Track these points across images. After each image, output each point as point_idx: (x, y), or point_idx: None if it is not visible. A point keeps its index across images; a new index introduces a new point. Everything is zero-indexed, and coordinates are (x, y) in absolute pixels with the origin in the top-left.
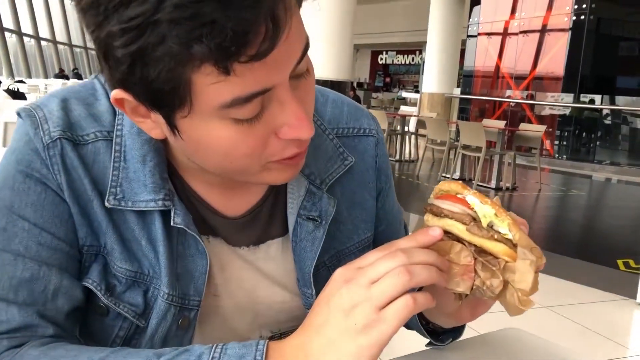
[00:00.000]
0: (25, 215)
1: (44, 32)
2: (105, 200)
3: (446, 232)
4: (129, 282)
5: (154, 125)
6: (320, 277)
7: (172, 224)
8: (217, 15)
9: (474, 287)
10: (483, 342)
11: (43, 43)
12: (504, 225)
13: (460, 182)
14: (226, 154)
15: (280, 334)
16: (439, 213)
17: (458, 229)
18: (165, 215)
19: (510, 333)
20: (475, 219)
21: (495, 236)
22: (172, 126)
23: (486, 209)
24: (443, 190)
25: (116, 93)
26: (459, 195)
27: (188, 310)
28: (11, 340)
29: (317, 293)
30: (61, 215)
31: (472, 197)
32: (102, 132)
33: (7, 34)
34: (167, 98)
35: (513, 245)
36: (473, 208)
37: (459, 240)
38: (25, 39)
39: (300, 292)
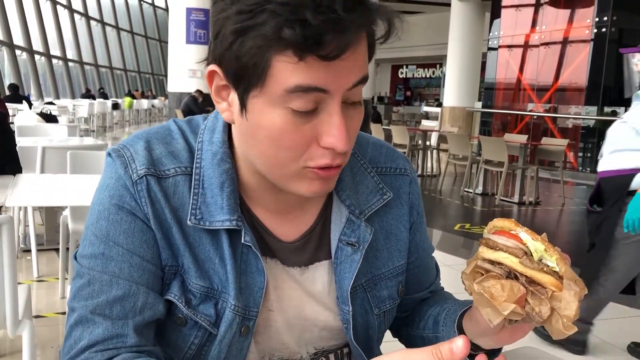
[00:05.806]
0: (119, 242)
1: (71, 54)
2: (187, 220)
3: (498, 264)
4: (202, 297)
5: (227, 108)
6: (356, 297)
7: (242, 241)
8: (309, 15)
9: (525, 313)
10: None
11: (70, 64)
12: (553, 260)
13: (514, 220)
14: (275, 139)
15: (323, 352)
16: (494, 247)
17: (512, 261)
18: (233, 236)
19: (528, 352)
20: (526, 253)
21: (545, 269)
22: (243, 105)
23: (537, 245)
24: (497, 226)
25: (211, 67)
26: (512, 232)
27: (248, 319)
28: (104, 353)
29: (353, 310)
30: (148, 241)
31: (524, 234)
32: (181, 168)
33: (36, 57)
34: (248, 74)
35: (559, 277)
36: (525, 243)
37: (509, 272)
38: (54, 60)
39: (339, 309)
